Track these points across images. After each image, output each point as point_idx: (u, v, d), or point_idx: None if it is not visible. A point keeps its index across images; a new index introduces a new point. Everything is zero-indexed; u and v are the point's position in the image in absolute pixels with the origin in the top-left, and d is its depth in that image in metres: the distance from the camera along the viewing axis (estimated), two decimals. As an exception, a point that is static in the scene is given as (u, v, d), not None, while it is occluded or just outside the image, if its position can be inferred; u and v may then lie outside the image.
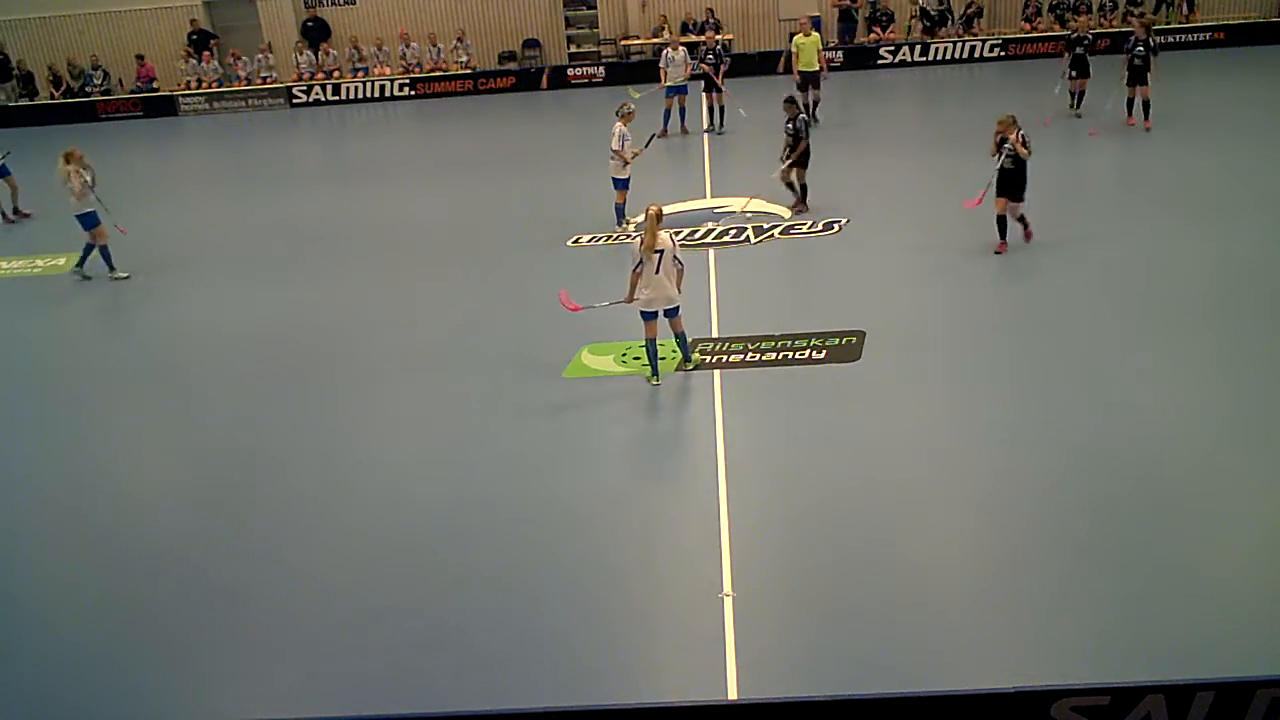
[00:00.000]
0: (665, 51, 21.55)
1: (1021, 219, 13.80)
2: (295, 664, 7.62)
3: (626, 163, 15.75)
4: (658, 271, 10.73)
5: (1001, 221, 13.67)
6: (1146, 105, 18.65)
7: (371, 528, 9.13)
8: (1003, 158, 13.45)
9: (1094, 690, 6.04)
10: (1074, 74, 20.23)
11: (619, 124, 15.82)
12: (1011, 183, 13.57)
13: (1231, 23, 27.73)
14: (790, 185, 16.16)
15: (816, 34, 22.01)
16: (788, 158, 15.94)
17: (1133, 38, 18.76)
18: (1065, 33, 23.31)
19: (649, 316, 11.02)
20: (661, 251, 10.69)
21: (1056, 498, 8.77)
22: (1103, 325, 11.80)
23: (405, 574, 8.48)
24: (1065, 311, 12.22)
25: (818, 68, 21.39)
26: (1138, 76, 18.56)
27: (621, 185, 15.98)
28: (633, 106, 16.25)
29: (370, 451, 10.45)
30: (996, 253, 13.69)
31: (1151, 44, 18.35)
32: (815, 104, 21.62)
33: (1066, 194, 16.68)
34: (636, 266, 10.80)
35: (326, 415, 11.26)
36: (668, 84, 21.49)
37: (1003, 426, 9.94)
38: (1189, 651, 6.96)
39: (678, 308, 11.00)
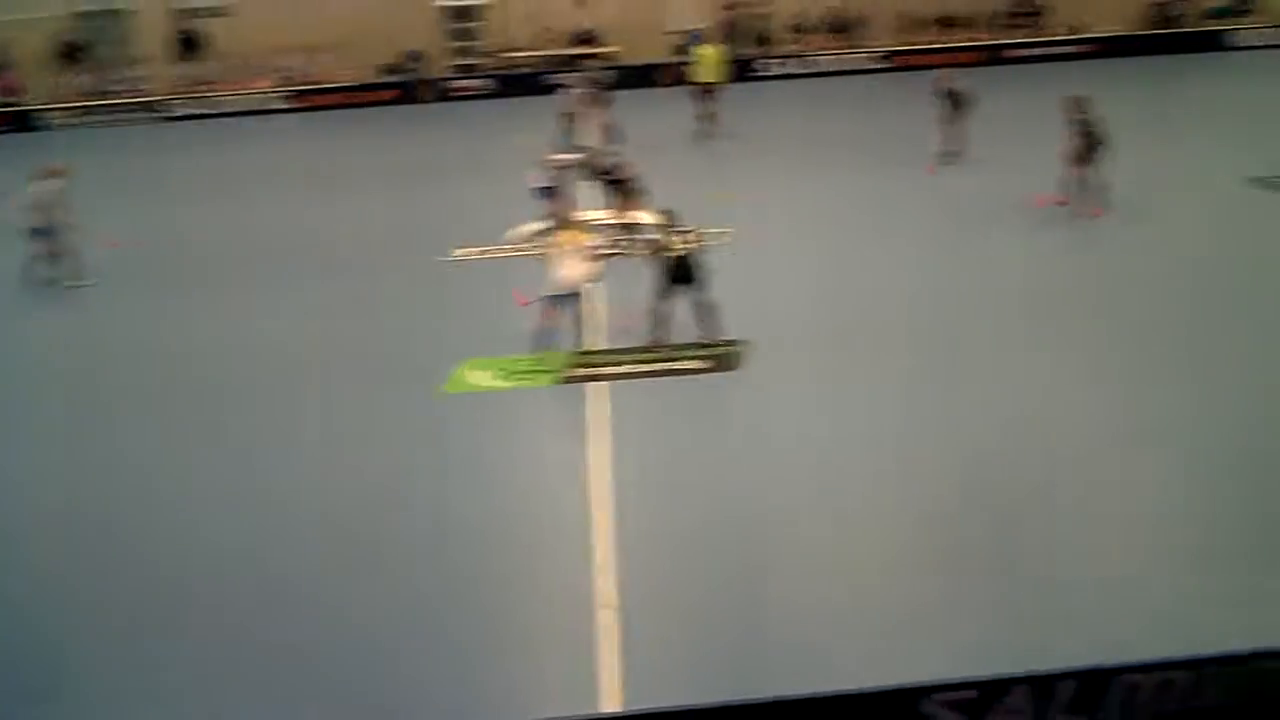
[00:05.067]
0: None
1: (699, 308, 11.89)
2: (165, 699, 7.43)
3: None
4: (567, 259, 11.67)
5: (657, 315, 11.90)
6: (1093, 188, 15.49)
7: (250, 549, 8.89)
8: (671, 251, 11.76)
9: (962, 685, 6.20)
10: (949, 121, 18.59)
11: None
12: (677, 274, 11.81)
13: (1100, 35, 28.79)
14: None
15: (721, 46, 22.32)
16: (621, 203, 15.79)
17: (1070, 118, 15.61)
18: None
19: (553, 302, 11.75)
20: (584, 246, 11.86)
21: (925, 500, 8.98)
22: (978, 333, 12.14)
23: (276, 601, 8.26)
24: (941, 319, 12.54)
25: (716, 79, 21.67)
26: (1087, 157, 15.45)
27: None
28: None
29: (236, 478, 10.14)
30: None
31: (1085, 121, 15.32)
32: (713, 116, 21.90)
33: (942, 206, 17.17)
34: (552, 258, 11.87)
35: (192, 442, 10.91)
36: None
37: (879, 433, 10.14)
38: (1052, 643, 7.18)
39: (580, 294, 11.91)
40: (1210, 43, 28.56)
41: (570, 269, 11.69)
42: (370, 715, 7.03)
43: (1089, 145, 15.24)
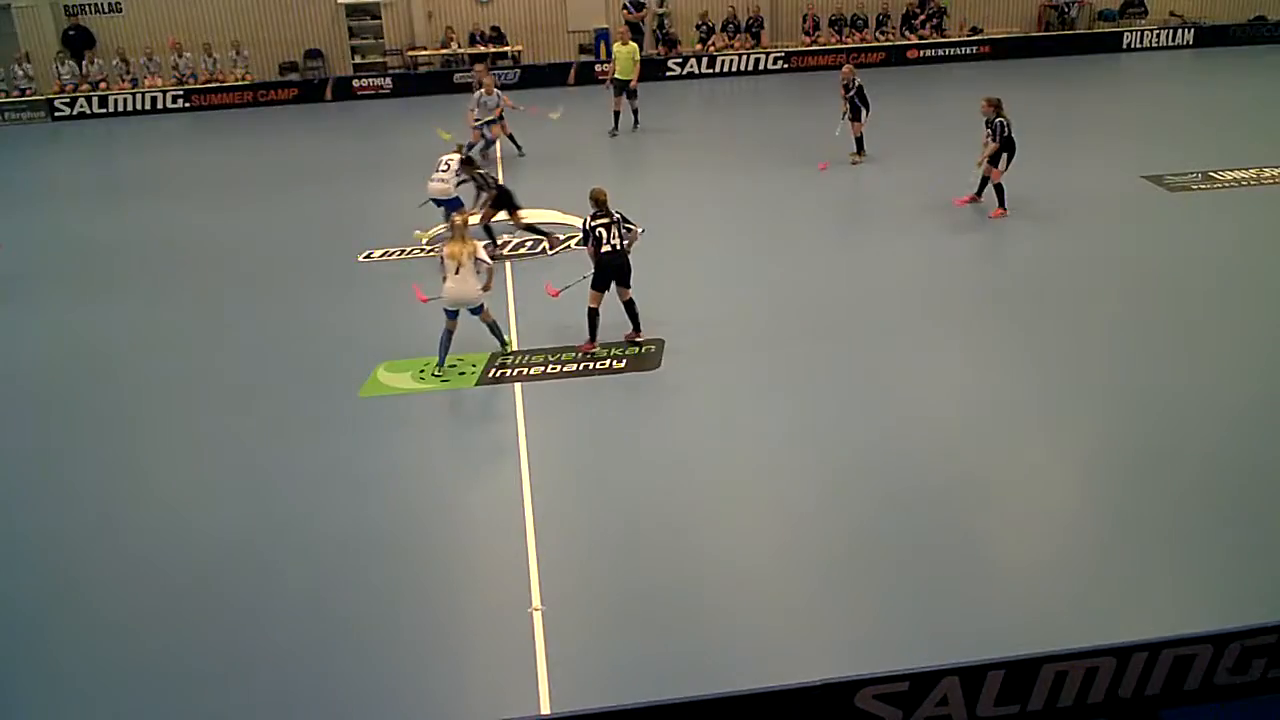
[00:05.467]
0: (479, 94, 20.59)
1: (628, 306, 11.94)
2: (92, 708, 7.17)
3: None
4: (458, 272, 11.28)
5: (593, 315, 11.88)
6: (999, 190, 15.74)
7: (164, 562, 8.63)
8: (605, 243, 11.67)
9: (894, 677, 6.25)
10: (850, 117, 18.74)
11: None
12: (612, 270, 11.76)
13: (996, 36, 29.52)
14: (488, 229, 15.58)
15: (634, 44, 22.38)
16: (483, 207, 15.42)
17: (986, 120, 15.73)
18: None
19: (450, 314, 11.46)
20: (471, 257, 11.35)
21: (849, 496, 9.08)
22: (891, 330, 12.30)
23: (203, 609, 8.05)
24: (852, 314, 12.69)
25: (631, 77, 21.77)
26: (996, 159, 15.61)
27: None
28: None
29: (159, 484, 9.89)
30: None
31: (1001, 123, 15.54)
32: (635, 113, 22.17)
33: (843, 202, 17.38)
34: (443, 270, 11.43)
35: (107, 448, 10.59)
36: (480, 121, 20.22)
37: (798, 429, 10.22)
38: (981, 634, 7.29)
39: (480, 305, 11.57)
40: (1104, 44, 29.49)
41: (460, 284, 11.28)
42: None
43: (1003, 146, 15.55)
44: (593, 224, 11.70)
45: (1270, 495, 8.76)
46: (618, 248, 11.67)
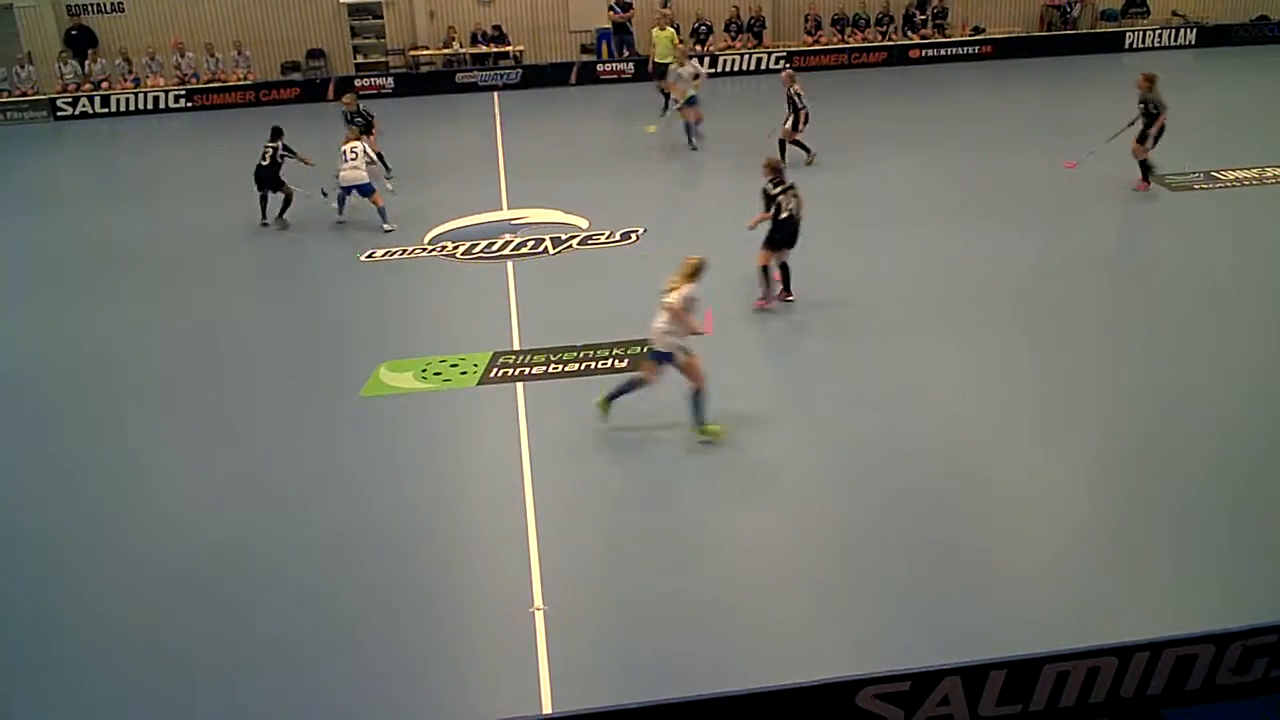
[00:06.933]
0: (672, 66, 20.71)
1: (783, 268, 12.83)
2: (91, 710, 7.16)
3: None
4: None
5: (765, 272, 12.77)
6: (1144, 165, 16.60)
7: (164, 563, 8.63)
8: (784, 209, 12.37)
9: (895, 677, 6.25)
10: (791, 125, 18.60)
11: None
12: (787, 234, 12.59)
13: (998, 36, 29.51)
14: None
15: (672, 29, 22.67)
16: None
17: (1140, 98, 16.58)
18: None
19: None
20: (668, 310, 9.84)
21: (850, 495, 9.09)
22: (888, 324, 12.29)
23: (204, 609, 8.06)
24: (852, 311, 12.68)
25: (671, 59, 22.09)
26: (1144, 136, 16.60)
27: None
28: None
29: (160, 485, 9.89)
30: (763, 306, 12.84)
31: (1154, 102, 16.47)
32: (666, 95, 22.46)
33: (848, 197, 17.36)
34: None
35: (107, 448, 10.59)
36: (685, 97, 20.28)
37: (798, 427, 10.22)
38: (982, 633, 7.28)
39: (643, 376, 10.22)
40: (1105, 44, 29.46)
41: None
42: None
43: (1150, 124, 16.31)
44: (775, 192, 12.33)
45: (1270, 495, 8.76)
46: (795, 213, 12.29)
